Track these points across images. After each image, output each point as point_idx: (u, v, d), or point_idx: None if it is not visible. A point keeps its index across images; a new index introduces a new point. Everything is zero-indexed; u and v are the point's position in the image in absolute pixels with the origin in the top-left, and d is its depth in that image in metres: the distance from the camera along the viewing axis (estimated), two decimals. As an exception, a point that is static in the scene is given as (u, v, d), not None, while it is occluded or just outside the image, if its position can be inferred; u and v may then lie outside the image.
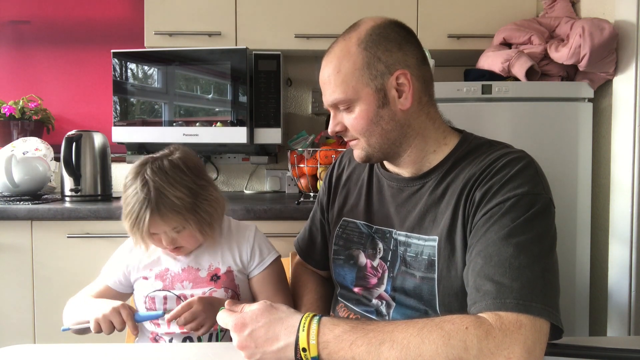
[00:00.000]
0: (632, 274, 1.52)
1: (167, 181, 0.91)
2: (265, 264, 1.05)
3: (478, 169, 0.78)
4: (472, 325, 0.61)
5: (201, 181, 0.97)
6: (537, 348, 0.61)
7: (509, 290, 0.64)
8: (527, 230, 0.69)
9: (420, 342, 0.61)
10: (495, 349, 0.59)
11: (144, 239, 0.93)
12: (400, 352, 0.61)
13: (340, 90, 0.80)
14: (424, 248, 0.81)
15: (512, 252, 0.67)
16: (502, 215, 0.71)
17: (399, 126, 0.82)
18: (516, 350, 0.59)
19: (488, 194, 0.74)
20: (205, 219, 0.95)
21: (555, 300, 0.67)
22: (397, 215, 0.87)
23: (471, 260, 0.72)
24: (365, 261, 0.91)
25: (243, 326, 0.69)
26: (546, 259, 0.68)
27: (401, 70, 0.79)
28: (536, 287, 0.65)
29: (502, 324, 0.62)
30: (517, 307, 0.63)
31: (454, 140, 0.86)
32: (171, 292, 1.00)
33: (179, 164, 0.94)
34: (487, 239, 0.71)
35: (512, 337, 0.60)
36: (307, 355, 0.65)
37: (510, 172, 0.75)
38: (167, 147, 1.00)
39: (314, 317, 0.68)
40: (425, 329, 0.62)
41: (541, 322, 0.63)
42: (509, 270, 0.66)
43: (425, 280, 0.80)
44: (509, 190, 0.73)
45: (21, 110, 2.05)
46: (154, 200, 0.89)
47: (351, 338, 0.64)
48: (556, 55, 1.58)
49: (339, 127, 0.85)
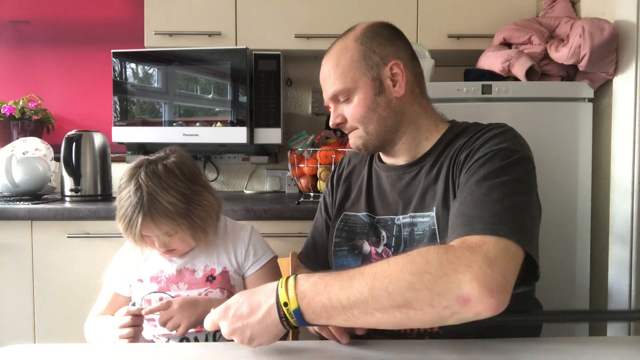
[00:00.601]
0: (632, 274, 1.52)
1: (160, 186, 0.91)
2: (260, 263, 1.05)
3: (464, 140, 0.85)
4: (434, 247, 0.64)
5: (196, 186, 0.97)
6: (501, 261, 0.62)
7: (477, 219, 0.68)
8: (502, 174, 0.73)
9: (387, 266, 0.64)
10: (455, 259, 0.61)
11: (137, 242, 0.94)
12: (369, 280, 0.63)
13: (340, 81, 0.87)
14: (427, 224, 0.84)
15: (484, 191, 0.72)
16: (479, 166, 0.76)
17: (394, 113, 0.88)
18: (477, 259, 0.61)
19: (470, 153, 0.80)
20: (199, 224, 0.95)
21: (525, 230, 0.67)
22: (401, 201, 0.90)
23: (451, 207, 0.77)
24: (369, 249, 0.93)
25: (227, 309, 0.70)
26: (520, 197, 0.71)
27: (394, 61, 0.87)
28: (505, 216, 0.67)
29: (464, 242, 0.65)
30: (483, 231, 0.65)
31: (444, 127, 0.92)
32: (166, 294, 1.00)
33: (174, 169, 0.94)
34: (466, 187, 0.75)
35: (472, 251, 0.62)
36: (289, 309, 0.66)
37: (491, 134, 0.81)
38: (164, 149, 1.00)
39: (290, 277, 0.70)
40: (393, 258, 0.65)
41: (508, 242, 0.64)
42: (479, 204, 0.70)
43: None
44: (489, 147, 0.78)
45: (21, 110, 2.05)
46: (146, 204, 0.89)
47: (325, 281, 0.66)
48: (556, 55, 1.57)
49: (339, 119, 0.91)
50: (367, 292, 0.62)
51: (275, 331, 0.68)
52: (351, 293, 0.63)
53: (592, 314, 0.72)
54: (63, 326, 1.57)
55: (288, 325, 0.67)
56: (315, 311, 0.65)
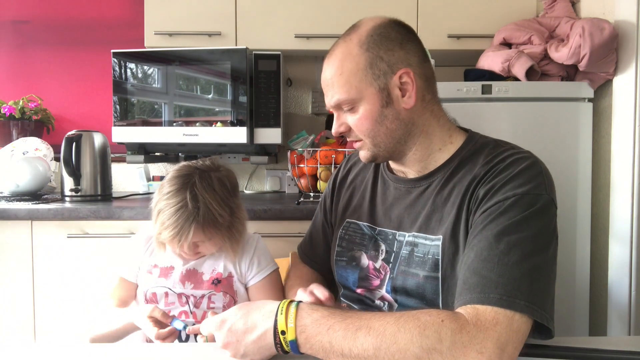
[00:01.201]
0: (632, 274, 1.52)
1: (215, 199, 0.94)
2: (263, 274, 1.06)
3: (483, 169, 0.78)
4: (448, 319, 0.62)
5: (238, 200, 1.02)
6: (510, 346, 0.61)
7: (494, 285, 0.65)
8: (522, 229, 0.69)
9: (397, 330, 0.61)
10: (468, 342, 0.60)
11: (185, 249, 0.95)
12: (375, 339, 0.62)
13: (344, 90, 0.80)
14: (430, 248, 0.81)
15: (502, 249, 0.67)
16: (500, 213, 0.71)
17: (403, 125, 0.82)
18: (488, 346, 0.60)
19: (490, 191, 0.74)
20: (236, 237, 1.00)
21: (542, 299, 0.65)
22: (408, 217, 0.86)
23: (464, 254, 0.73)
24: (367, 263, 0.90)
25: (222, 323, 0.70)
26: (538, 258, 0.68)
27: (404, 69, 0.79)
28: (523, 284, 0.64)
29: (478, 319, 0.62)
30: (499, 302, 0.63)
31: (459, 139, 0.86)
32: (172, 290, 1.01)
33: (226, 182, 0.98)
34: (482, 235, 0.71)
35: (485, 333, 0.60)
36: (286, 338, 0.65)
37: (514, 171, 0.75)
38: (208, 159, 1.02)
39: (292, 302, 0.69)
40: (402, 318, 0.63)
41: (521, 320, 0.63)
42: (497, 265, 0.66)
43: (429, 279, 0.80)
44: (510, 189, 0.73)
45: (21, 110, 2.05)
46: (201, 215, 0.91)
47: (329, 323, 0.65)
48: (556, 55, 1.57)
49: (342, 128, 0.85)
50: (372, 352, 0.61)
51: (269, 353, 0.68)
52: (354, 346, 0.62)
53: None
54: (63, 326, 1.57)
55: (282, 351, 0.67)
56: (312, 348, 0.65)
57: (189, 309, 1.01)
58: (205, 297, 1.01)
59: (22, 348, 0.76)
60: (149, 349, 0.83)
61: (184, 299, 1.01)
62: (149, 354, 0.77)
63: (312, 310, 0.67)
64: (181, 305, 1.01)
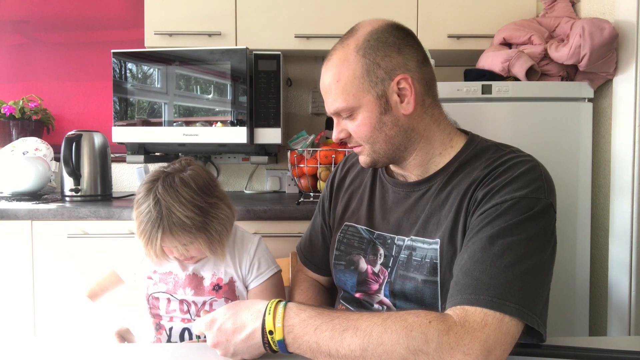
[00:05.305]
0: (632, 274, 1.52)
1: (178, 200, 0.90)
2: (263, 277, 1.05)
3: (483, 172, 0.78)
4: (435, 320, 0.62)
5: (212, 199, 0.96)
6: (498, 348, 0.61)
7: (485, 287, 0.64)
8: (518, 232, 0.69)
9: (383, 331, 0.62)
10: (455, 344, 0.60)
11: (158, 256, 0.94)
12: (362, 340, 0.62)
13: (342, 99, 0.80)
14: (427, 251, 0.80)
15: (496, 251, 0.67)
16: (496, 216, 0.71)
17: (402, 131, 0.82)
18: (475, 347, 0.59)
19: (488, 194, 0.74)
20: (215, 237, 0.95)
21: (534, 303, 0.65)
22: (407, 221, 0.86)
23: (459, 255, 0.73)
24: (366, 267, 0.90)
25: (212, 322, 0.71)
26: (532, 261, 0.67)
27: (402, 75, 0.78)
28: (514, 287, 0.64)
29: (467, 321, 0.62)
30: (489, 304, 0.63)
31: (459, 142, 0.86)
32: (173, 296, 1.01)
33: (190, 182, 0.93)
34: (477, 237, 0.71)
35: (473, 335, 0.60)
36: (274, 337, 0.66)
37: (513, 174, 0.75)
38: (179, 160, 0.99)
39: (280, 302, 0.69)
40: (390, 319, 0.63)
41: (511, 323, 0.62)
42: (489, 267, 0.66)
43: (428, 283, 0.79)
44: (508, 192, 0.73)
45: (21, 110, 2.05)
46: (165, 219, 0.89)
47: (316, 323, 0.65)
48: (556, 55, 1.57)
49: (343, 134, 0.85)
50: (359, 352, 0.62)
51: (258, 352, 0.69)
52: (341, 347, 0.63)
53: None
54: (63, 326, 1.57)
55: (270, 351, 0.67)
56: (300, 348, 0.66)
57: (190, 317, 1.01)
58: (207, 304, 1.01)
59: (22, 347, 0.76)
60: (148, 349, 0.83)
61: (185, 306, 1.01)
62: (140, 353, 0.77)
63: (299, 310, 0.67)
64: (182, 313, 1.01)
